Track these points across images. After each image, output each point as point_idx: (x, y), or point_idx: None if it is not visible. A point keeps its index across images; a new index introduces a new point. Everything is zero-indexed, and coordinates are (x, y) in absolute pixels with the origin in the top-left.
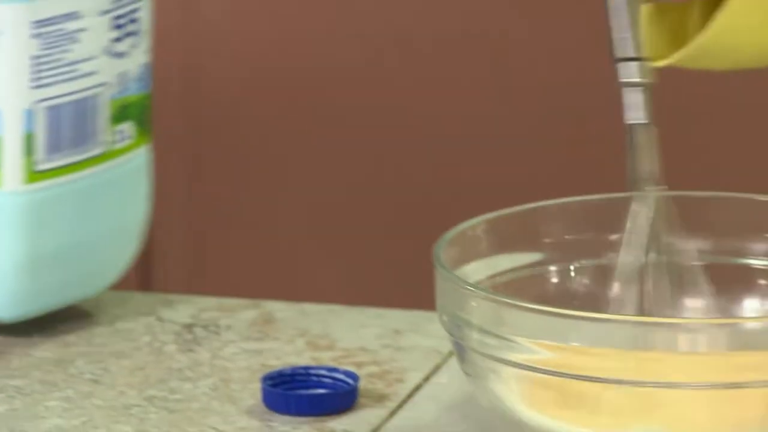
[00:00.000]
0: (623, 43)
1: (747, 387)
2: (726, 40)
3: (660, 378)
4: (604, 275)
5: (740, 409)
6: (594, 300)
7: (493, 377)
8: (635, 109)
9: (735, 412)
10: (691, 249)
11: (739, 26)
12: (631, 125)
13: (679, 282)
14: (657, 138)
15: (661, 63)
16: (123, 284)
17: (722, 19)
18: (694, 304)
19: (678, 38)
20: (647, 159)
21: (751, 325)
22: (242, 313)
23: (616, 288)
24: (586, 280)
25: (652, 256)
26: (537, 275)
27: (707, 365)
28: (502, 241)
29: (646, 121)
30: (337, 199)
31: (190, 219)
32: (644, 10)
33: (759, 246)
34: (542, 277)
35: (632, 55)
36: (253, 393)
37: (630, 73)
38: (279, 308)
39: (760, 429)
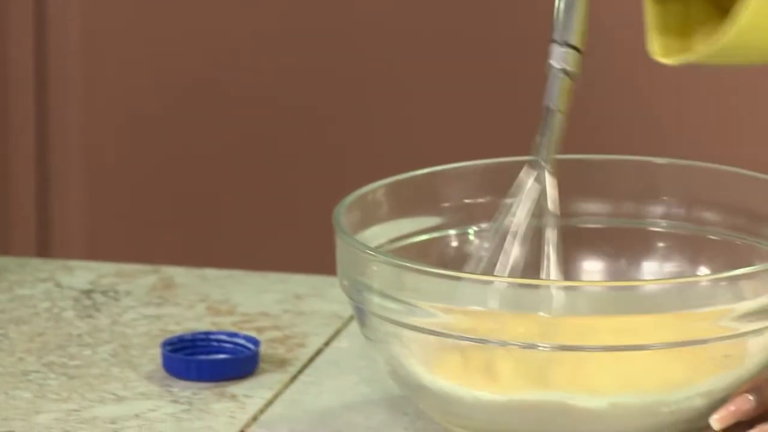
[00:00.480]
0: (562, 28)
1: (644, 349)
2: (748, 38)
3: (560, 341)
4: (503, 238)
5: (638, 371)
6: (494, 263)
7: (393, 341)
8: (553, 94)
9: (633, 374)
10: (590, 212)
11: (761, 24)
12: (546, 107)
13: (579, 246)
14: (564, 127)
15: (675, 60)
16: (21, 250)
17: (744, 19)
18: (593, 268)
19: (683, 28)
20: (549, 144)
21: (648, 287)
22: (141, 278)
23: (510, 252)
24: (485, 244)
25: (548, 221)
26: (437, 239)
27: (606, 328)
28: (402, 205)
29: (559, 109)
30: (237, 163)
31: (89, 185)
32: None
33: (656, 209)
34: (442, 241)
35: (567, 41)
36: (153, 358)
37: (559, 58)
38: (179, 273)
39: (658, 390)
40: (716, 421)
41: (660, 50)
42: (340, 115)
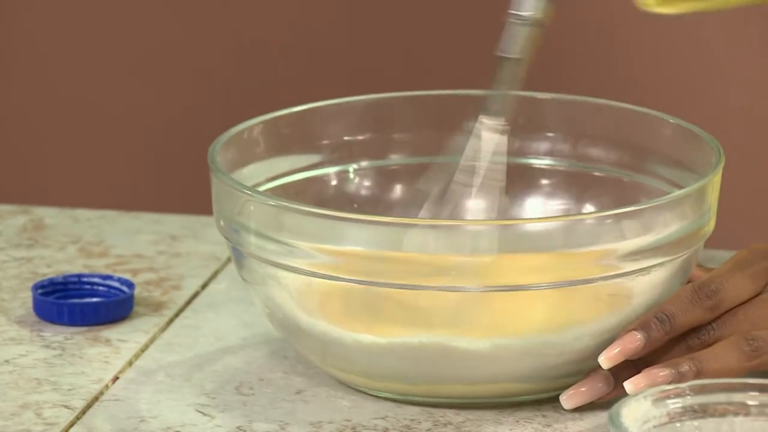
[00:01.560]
0: None
1: (528, 290)
2: None
3: (441, 282)
4: (384, 177)
5: (521, 312)
6: (374, 202)
7: (271, 283)
8: (514, 43)
9: (516, 315)
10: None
11: None
12: (502, 57)
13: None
14: (521, 78)
15: (670, 10)
16: None
17: None
18: (476, 206)
19: None
20: (504, 94)
21: (531, 226)
22: (11, 219)
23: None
24: (366, 182)
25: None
26: (316, 178)
27: (489, 268)
28: (280, 143)
29: (520, 56)
30: (109, 100)
31: None
32: None
33: (541, 145)
34: (321, 179)
35: None
36: (23, 302)
37: (524, 5)
38: (50, 214)
39: (542, 331)
40: (604, 360)
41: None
42: (214, 49)
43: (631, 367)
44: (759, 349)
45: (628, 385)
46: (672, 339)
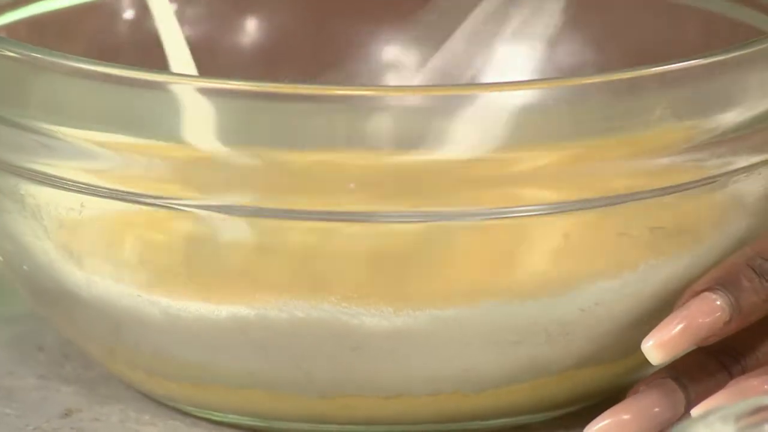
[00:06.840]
0: None
1: (496, 217)
2: None
3: (330, 204)
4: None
5: (483, 261)
6: (210, 51)
7: (12, 208)
8: None
9: (473, 265)
10: None
11: None
12: None
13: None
14: None
15: None
16: None
17: None
18: (399, 58)
19: None
20: None
21: (515, 95)
22: None
23: None
24: (190, 11)
25: None
26: (99, 5)
27: (423, 173)
28: None
29: None
30: None
31: None
32: None
33: None
34: (108, 7)
35: None
36: None
37: None
38: None
39: (519, 294)
40: (652, 349)
41: None
42: None
43: (710, 370)
44: None
45: (698, 411)
46: None
